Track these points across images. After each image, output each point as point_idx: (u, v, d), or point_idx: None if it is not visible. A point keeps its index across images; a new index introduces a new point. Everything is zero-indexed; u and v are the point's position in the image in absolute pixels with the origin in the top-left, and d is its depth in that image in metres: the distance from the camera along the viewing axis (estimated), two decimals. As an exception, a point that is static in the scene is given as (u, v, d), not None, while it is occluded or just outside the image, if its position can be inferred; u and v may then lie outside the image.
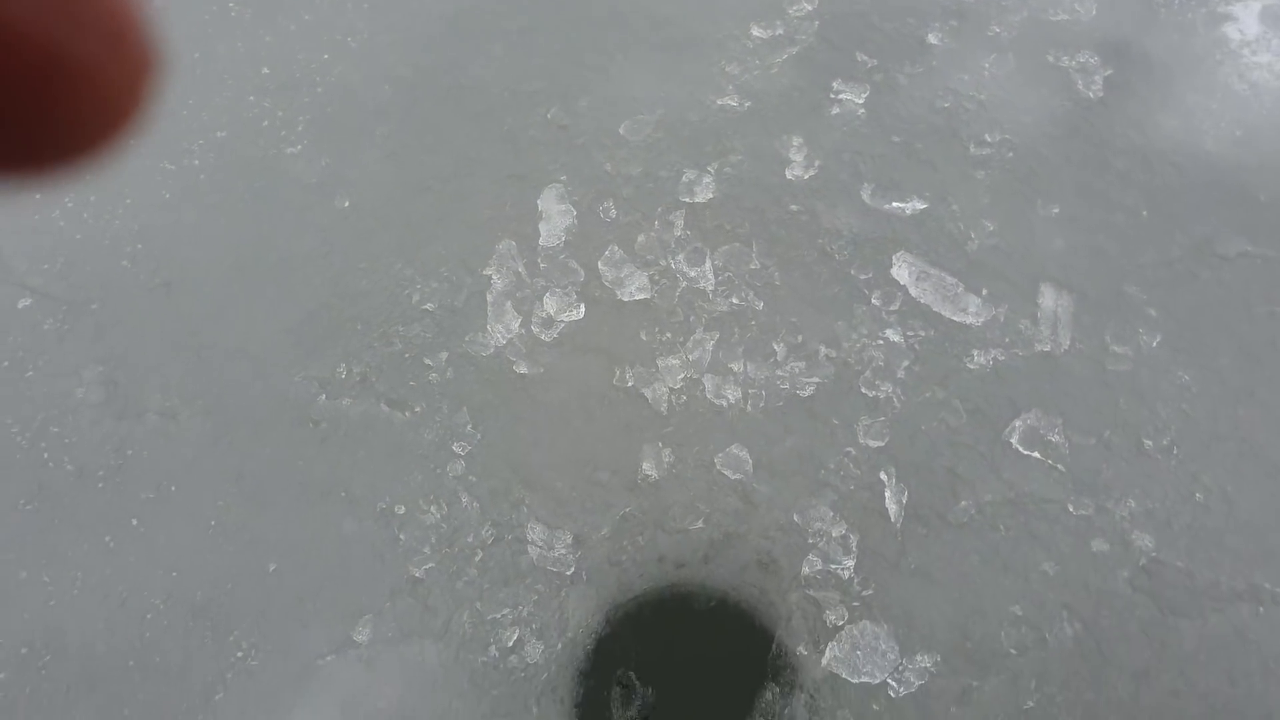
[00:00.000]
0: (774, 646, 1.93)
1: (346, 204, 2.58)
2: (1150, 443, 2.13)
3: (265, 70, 2.91)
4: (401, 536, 2.02)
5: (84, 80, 0.24)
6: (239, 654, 1.89)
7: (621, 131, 2.70)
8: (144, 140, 2.32)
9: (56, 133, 0.25)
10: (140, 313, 2.38)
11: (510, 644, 1.90)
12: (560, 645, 1.91)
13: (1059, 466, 2.10)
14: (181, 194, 2.60)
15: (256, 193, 2.62)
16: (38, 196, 2.55)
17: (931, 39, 2.91)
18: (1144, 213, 2.53)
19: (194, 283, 2.45)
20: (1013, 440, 2.13)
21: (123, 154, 0.27)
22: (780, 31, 2.94)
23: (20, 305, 2.34)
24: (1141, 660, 1.91)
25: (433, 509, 2.05)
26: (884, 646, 1.87)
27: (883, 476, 2.07)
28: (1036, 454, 2.12)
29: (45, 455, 2.11)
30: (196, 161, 2.67)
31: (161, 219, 2.55)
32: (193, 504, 2.07)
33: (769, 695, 1.88)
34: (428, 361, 2.26)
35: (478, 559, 2.00)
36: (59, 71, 0.23)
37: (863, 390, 2.19)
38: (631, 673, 1.94)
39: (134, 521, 2.04)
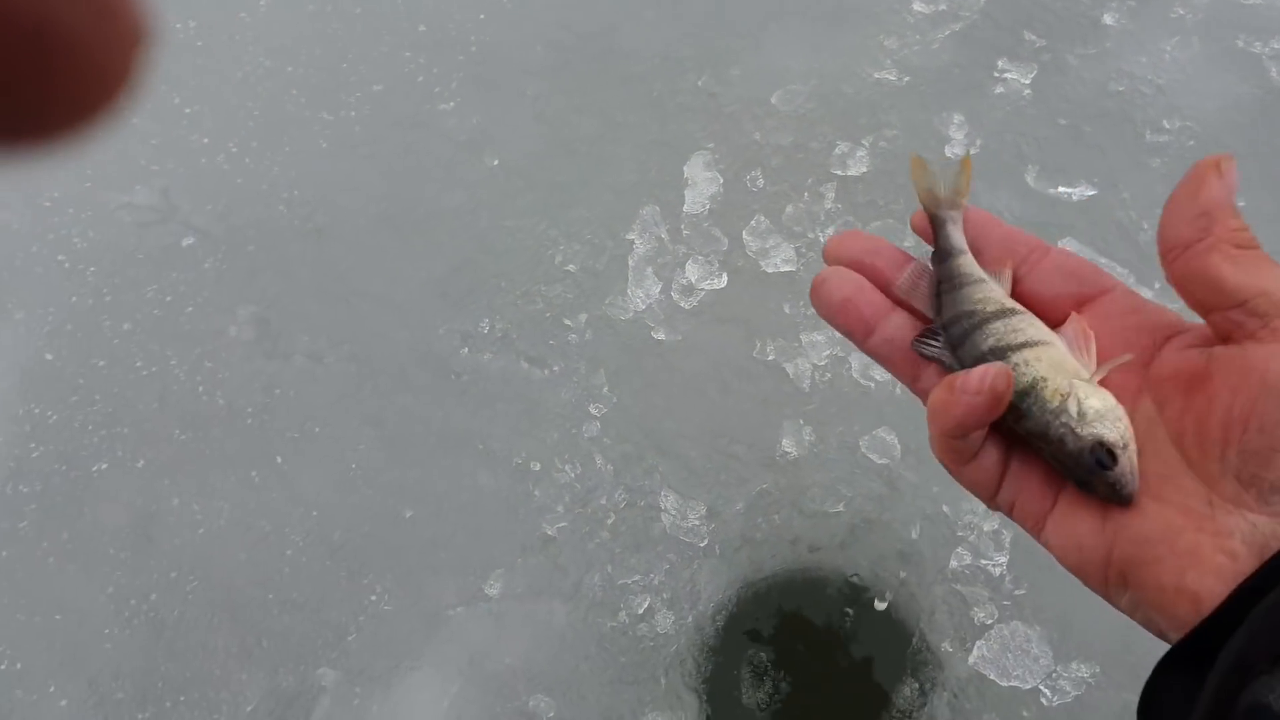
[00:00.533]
0: (914, 641, 1.84)
1: (495, 162, 2.58)
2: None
3: (421, 27, 2.93)
4: (535, 493, 2.01)
5: (71, 52, 0.23)
6: (372, 597, 1.91)
7: (773, 101, 2.63)
8: (304, 91, 2.36)
9: (42, 106, 0.24)
10: (292, 257, 2.43)
11: (640, 611, 1.87)
12: (690, 618, 1.87)
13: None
14: (337, 144, 2.65)
15: (408, 146, 2.64)
16: (204, 140, 2.63)
17: (1107, 19, 2.74)
18: (1342, 211, 2.32)
19: (344, 231, 2.49)
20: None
21: (116, 125, 0.26)
22: (943, 7, 2.81)
23: (184, 244, 2.42)
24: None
25: (567, 468, 2.03)
26: (1036, 650, 1.76)
27: (1040, 472, 1.95)
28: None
29: (200, 389, 2.18)
30: (352, 113, 2.71)
31: (317, 167, 2.60)
32: (334, 446, 2.10)
33: (908, 691, 1.80)
34: (567, 322, 2.23)
35: (610, 522, 1.97)
36: (45, 43, 0.22)
37: (1021, 380, 2.07)
38: (764, 654, 1.88)
39: (278, 459, 2.09)
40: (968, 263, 0.68)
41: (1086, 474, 0.57)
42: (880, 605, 1.89)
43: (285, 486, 2.05)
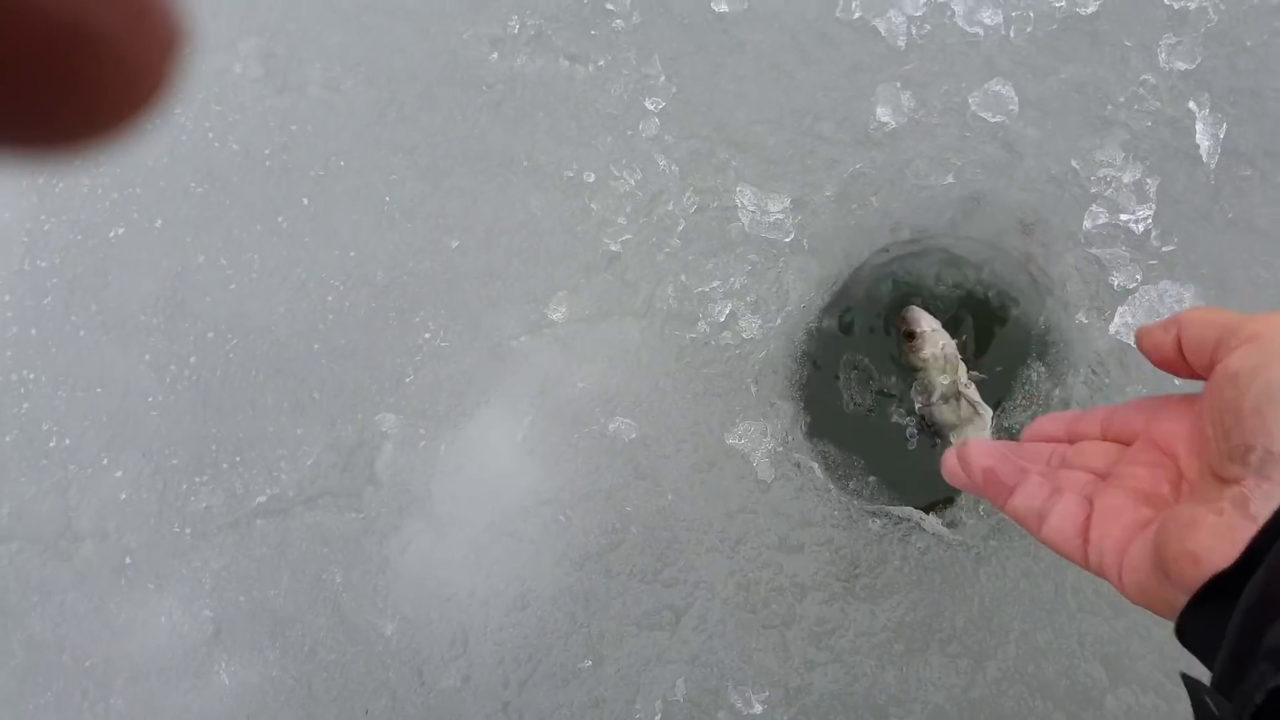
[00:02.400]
0: (1041, 319, 1.59)
1: None
2: None
3: None
4: (593, 207, 1.76)
5: (106, 54, 0.23)
6: (426, 335, 1.74)
7: None
8: None
9: (79, 107, 0.24)
10: (289, -22, 2.11)
11: (722, 319, 1.65)
12: (779, 320, 1.65)
13: None
14: None
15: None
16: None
17: None
18: None
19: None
20: (1379, 53, 1.60)
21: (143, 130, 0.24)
22: None
23: (162, -27, 2.12)
24: None
25: (626, 175, 1.76)
26: (1192, 312, 1.49)
27: (1192, 106, 1.61)
28: None
29: (210, 136, 1.95)
30: None
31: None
32: (364, 180, 1.87)
33: (1034, 375, 1.57)
34: (610, 6, 1.89)
35: (680, 229, 1.72)
36: (81, 45, 0.22)
37: (1166, 0, 1.68)
38: (864, 355, 1.67)
39: (305, 201, 1.87)
40: None
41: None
42: (1002, 284, 1.63)
43: (317, 229, 1.85)
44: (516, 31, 1.93)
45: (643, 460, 1.60)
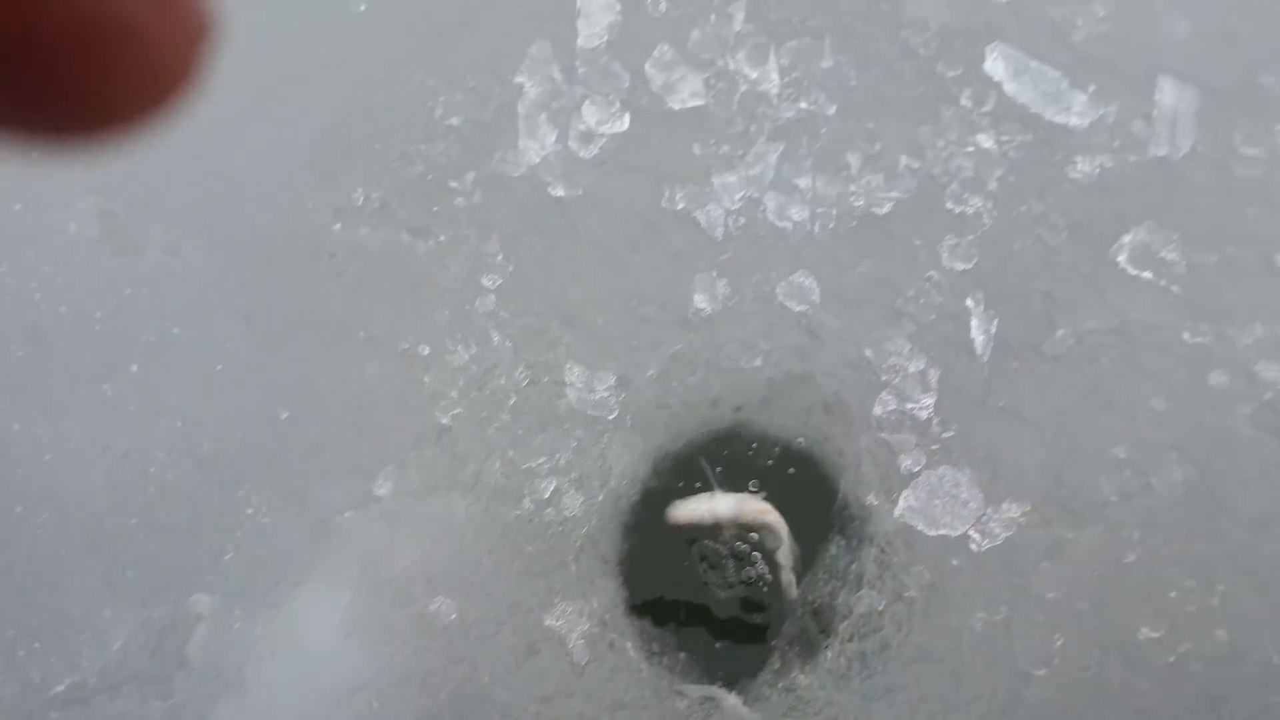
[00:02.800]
0: (840, 496, 1.72)
1: (362, 7, 2.26)
2: (1285, 260, 1.82)
3: None
4: (426, 379, 1.83)
5: (133, 43, 0.23)
6: (249, 510, 1.75)
7: (667, -88, 2.32)
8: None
9: (105, 97, 0.24)
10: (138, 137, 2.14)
11: (546, 495, 1.73)
12: (602, 496, 1.73)
13: (1173, 288, 1.81)
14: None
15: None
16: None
17: None
18: (1289, -12, 2.11)
19: (195, 104, 2.19)
20: (1120, 259, 1.83)
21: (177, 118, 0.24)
22: None
23: (0, 131, 2.12)
24: (1261, 507, 1.67)
25: (460, 349, 1.84)
26: (965, 495, 1.65)
27: (969, 303, 1.80)
28: (1148, 274, 1.82)
29: (37, 297, 1.93)
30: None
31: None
32: (197, 347, 1.89)
33: (834, 550, 1.69)
34: (453, 184, 2.00)
35: (511, 403, 1.80)
36: (107, 34, 0.22)
37: (949, 205, 1.89)
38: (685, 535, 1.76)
39: (134, 368, 1.87)
40: None
41: None
42: (804, 461, 1.77)
43: (144, 397, 1.85)
44: (361, 203, 2.00)
45: (461, 643, 1.63)
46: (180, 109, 0.26)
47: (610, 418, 1.78)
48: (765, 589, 1.67)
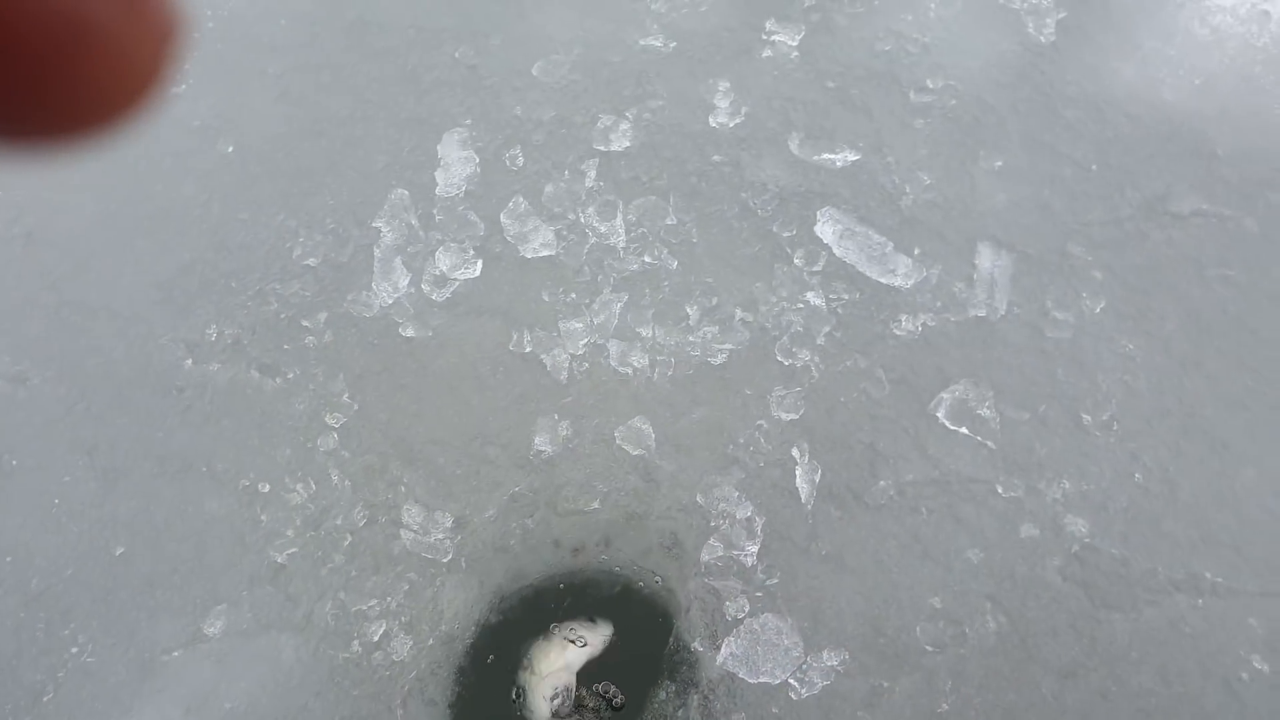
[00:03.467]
0: (671, 642, 1.76)
1: (230, 149, 2.35)
2: (1089, 418, 1.96)
3: (150, 1, 2.65)
4: (264, 517, 1.83)
5: (103, 47, 0.23)
6: (74, 649, 1.71)
7: (534, 72, 2.48)
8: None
9: (76, 100, 0.24)
10: (-7, 266, 2.15)
11: (376, 639, 1.72)
12: (432, 640, 1.74)
13: (988, 444, 1.94)
14: (48, 136, 2.36)
15: (134, 135, 2.37)
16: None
17: (876, -24, 2.69)
18: (1093, 166, 2.34)
19: (57, 233, 2.22)
20: (939, 414, 1.96)
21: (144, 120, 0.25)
22: (713, -34, 2.71)
23: None
24: (1069, 657, 1.75)
25: (299, 487, 1.86)
26: (787, 642, 1.70)
27: (795, 453, 1.89)
28: (964, 429, 1.94)
29: None
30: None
31: (25, 163, 2.31)
32: (36, 480, 1.87)
33: (663, 695, 1.72)
34: (305, 323, 2.05)
35: (346, 544, 1.81)
36: (78, 38, 0.22)
37: (779, 358, 2.00)
38: (515, 668, 1.77)
39: (-33, 500, 1.84)
40: None
41: None
42: (640, 603, 1.80)
43: (-26, 531, 1.81)
44: (214, 339, 2.04)
45: (272, 794, 1.60)
46: (147, 110, 0.26)
47: (445, 560, 1.80)
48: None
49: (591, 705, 1.70)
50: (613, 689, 1.71)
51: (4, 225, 2.21)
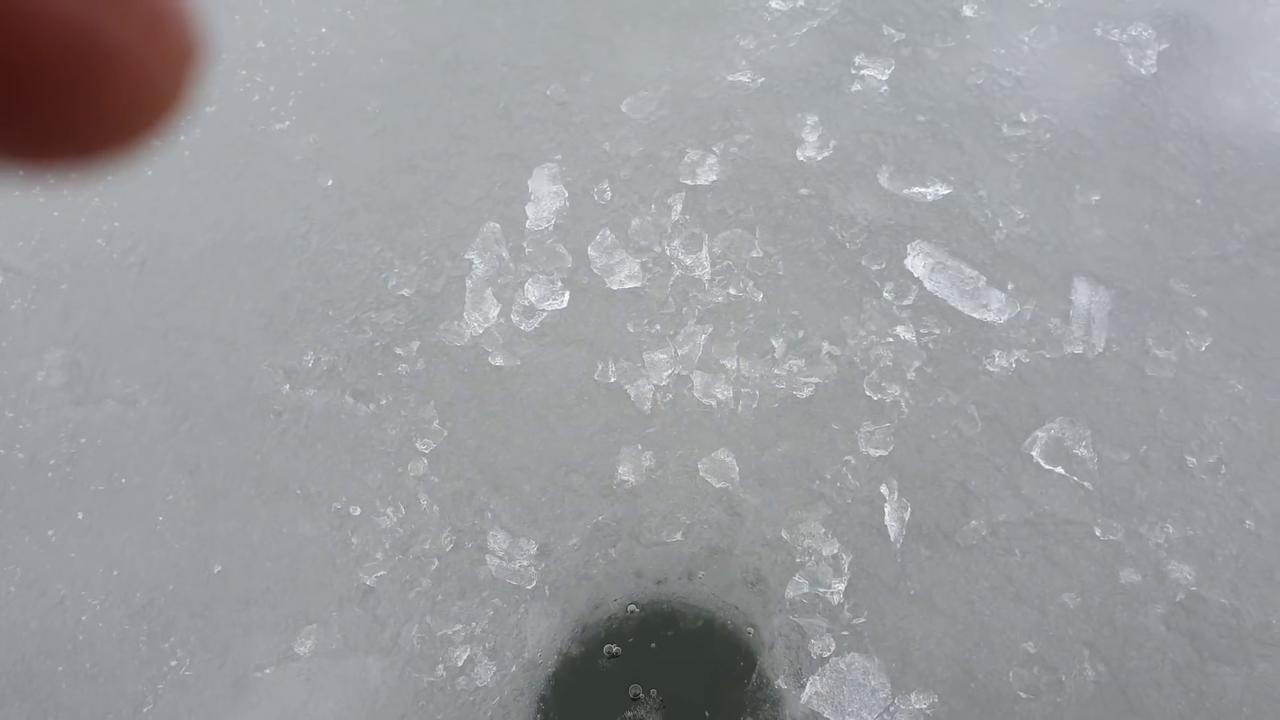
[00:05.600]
0: (753, 678, 1.73)
1: (330, 182, 2.44)
2: (1194, 460, 1.88)
3: (260, 44, 2.78)
4: (354, 540, 1.87)
5: (123, 67, 0.23)
6: (173, 662, 1.76)
7: (623, 109, 2.52)
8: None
9: (97, 121, 0.24)
10: (109, 293, 2.26)
11: (460, 663, 1.74)
12: (515, 667, 1.75)
13: (1086, 484, 1.87)
14: (164, 170, 2.49)
15: (240, 170, 2.49)
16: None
17: (966, 10, 2.67)
18: (1198, 201, 2.26)
19: (168, 262, 2.33)
20: (1034, 453, 1.90)
21: (164, 142, 0.25)
22: (801, 3, 2.72)
23: (-17, 284, 2.25)
24: (1175, 711, 1.67)
25: (389, 511, 1.90)
26: (874, 683, 1.66)
27: (884, 490, 1.86)
28: (1060, 469, 1.88)
29: (-5, 442, 2.01)
30: (182, 137, 2.56)
31: (142, 196, 2.44)
32: (143, 497, 1.95)
33: (745, 730, 1.69)
34: (399, 351, 2.10)
35: (433, 568, 1.84)
36: (98, 59, 0.23)
37: (867, 393, 1.97)
38: (598, 698, 1.77)
39: (79, 515, 1.93)
40: None
41: None
42: (722, 639, 1.78)
43: (86, 545, 1.90)
44: (311, 365, 2.10)
45: (357, 814, 1.62)
46: (168, 132, 0.26)
47: (529, 587, 1.81)
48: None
49: None
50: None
51: (120, 254, 2.33)
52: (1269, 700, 1.65)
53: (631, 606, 1.81)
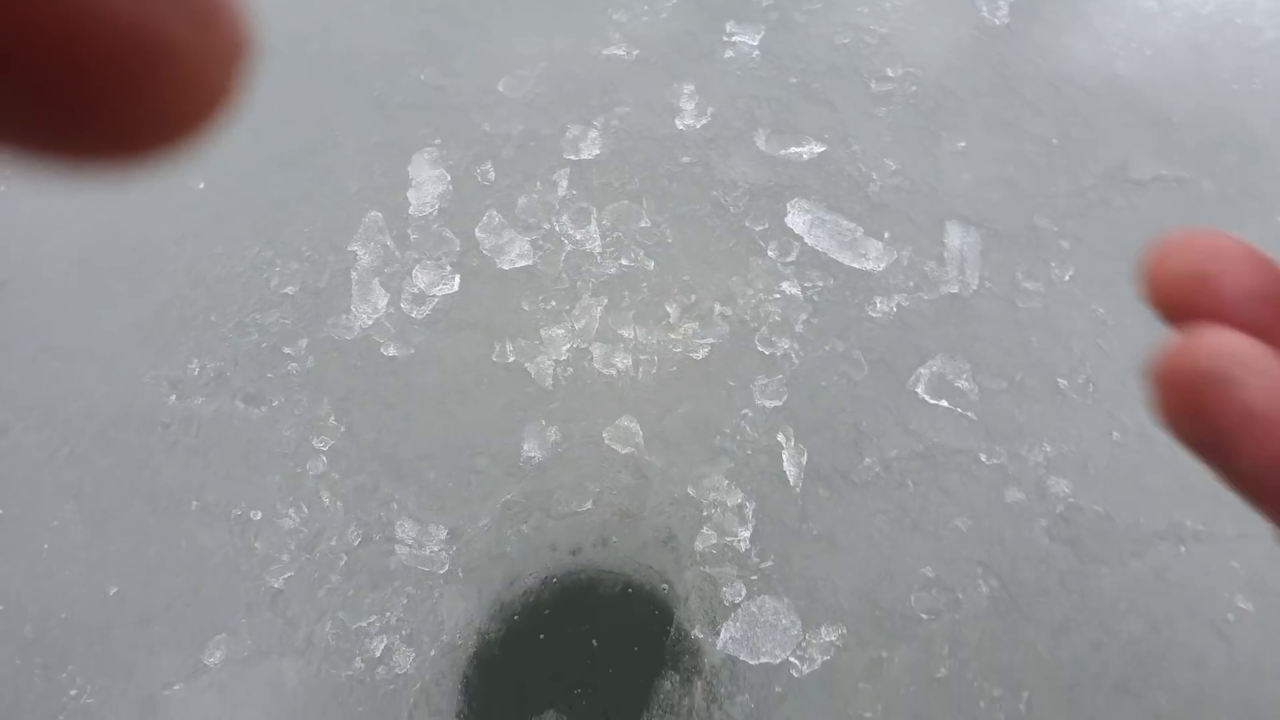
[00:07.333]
0: (671, 632, 1.77)
1: (202, 185, 2.37)
2: (1065, 382, 1.99)
3: (112, 48, 2.67)
4: (258, 545, 1.84)
5: (169, 62, 0.22)
6: (72, 691, 1.70)
7: (501, 89, 2.51)
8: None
9: (145, 118, 0.23)
10: (-29, 318, 2.16)
11: (378, 654, 1.73)
12: (434, 651, 1.74)
13: (969, 414, 1.96)
14: (20, 184, 2.37)
15: (104, 179, 2.39)
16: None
17: (827, -28, 2.74)
18: (1054, 141, 2.38)
19: (34, 280, 2.23)
20: (919, 389, 1.98)
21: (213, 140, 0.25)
22: (667, -26, 2.75)
23: None
24: (1061, 613, 1.77)
25: (291, 512, 1.86)
26: (785, 622, 1.72)
27: (780, 438, 1.91)
28: (945, 402, 1.97)
29: None
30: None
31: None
32: (24, 527, 1.87)
33: (668, 685, 1.72)
34: (287, 350, 2.06)
35: (342, 564, 1.82)
36: (143, 52, 0.21)
37: (759, 348, 2.02)
38: (519, 672, 1.78)
39: (-41, 550, 1.84)
40: None
41: None
42: (640, 599, 1.81)
43: (-32, 580, 1.81)
44: (197, 373, 2.05)
45: (284, 815, 1.60)
46: (216, 130, 0.25)
47: (441, 571, 1.81)
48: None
49: None
50: None
51: (-19, 277, 2.22)
52: (1143, 593, 1.76)
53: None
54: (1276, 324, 0.36)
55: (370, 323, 2.09)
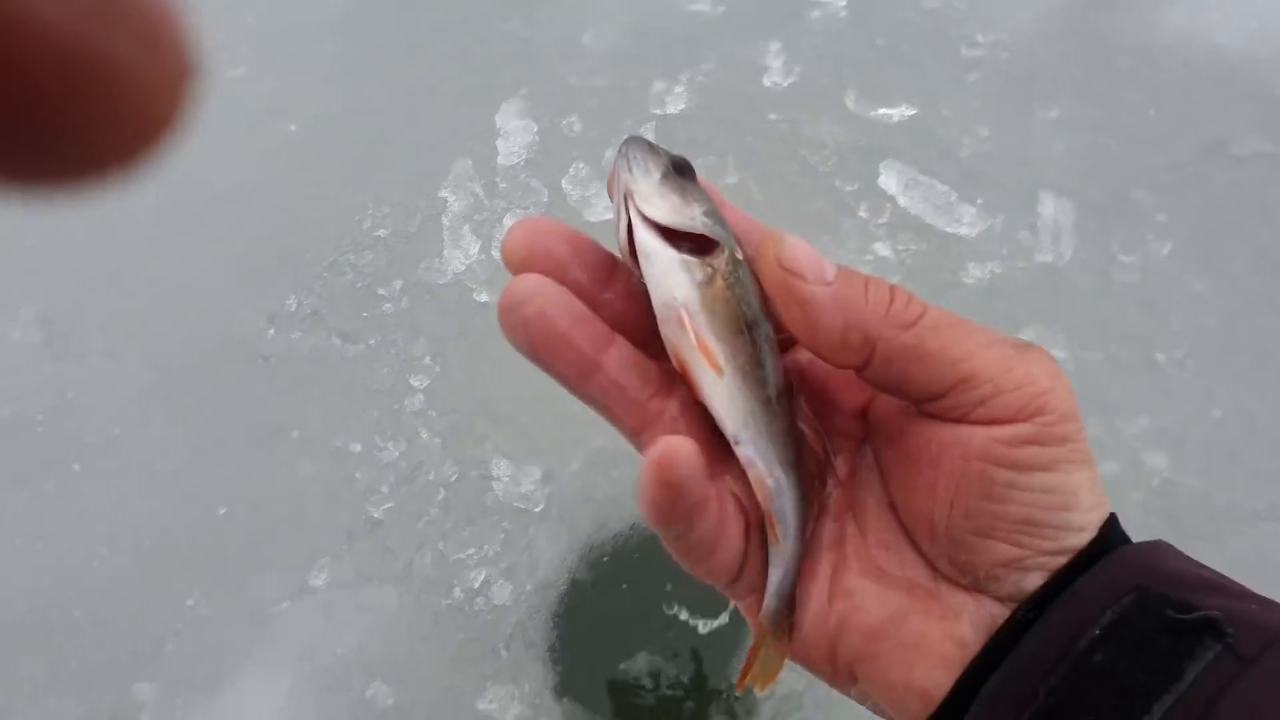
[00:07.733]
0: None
1: (293, 128, 2.40)
2: (1162, 356, 1.99)
3: (206, -11, 2.70)
4: (358, 476, 1.89)
5: (115, 83, 0.21)
6: (190, 603, 1.77)
7: (586, 41, 2.52)
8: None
9: (84, 139, 0.22)
10: (79, 248, 2.21)
11: (476, 585, 1.78)
12: (529, 586, 1.79)
13: (1061, 383, 1.96)
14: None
15: (198, 119, 2.43)
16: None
17: (920, -65, 2.71)
18: (1151, 112, 2.35)
19: (135, 215, 2.28)
20: (1011, 356, 1.99)
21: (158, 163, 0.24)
22: (758, -69, 2.73)
23: (-55, 242, 2.18)
24: (1150, 584, 1.78)
25: (390, 446, 1.91)
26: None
27: (872, 398, 1.93)
28: (1037, 370, 1.97)
29: (-24, 401, 1.97)
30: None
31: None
32: (137, 448, 1.93)
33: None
34: (381, 291, 2.10)
35: (440, 498, 1.86)
36: (88, 73, 0.20)
37: (850, 308, 2.03)
38: (611, 614, 1.82)
39: (75, 468, 1.91)
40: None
41: None
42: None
43: (85, 497, 1.88)
44: (293, 309, 2.09)
45: (396, 729, 1.66)
46: (160, 155, 0.24)
47: (537, 510, 1.85)
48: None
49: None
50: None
51: (85, 209, 2.28)
52: (1241, 572, 1.76)
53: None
54: (593, 285, 0.53)
55: (463, 268, 2.13)
